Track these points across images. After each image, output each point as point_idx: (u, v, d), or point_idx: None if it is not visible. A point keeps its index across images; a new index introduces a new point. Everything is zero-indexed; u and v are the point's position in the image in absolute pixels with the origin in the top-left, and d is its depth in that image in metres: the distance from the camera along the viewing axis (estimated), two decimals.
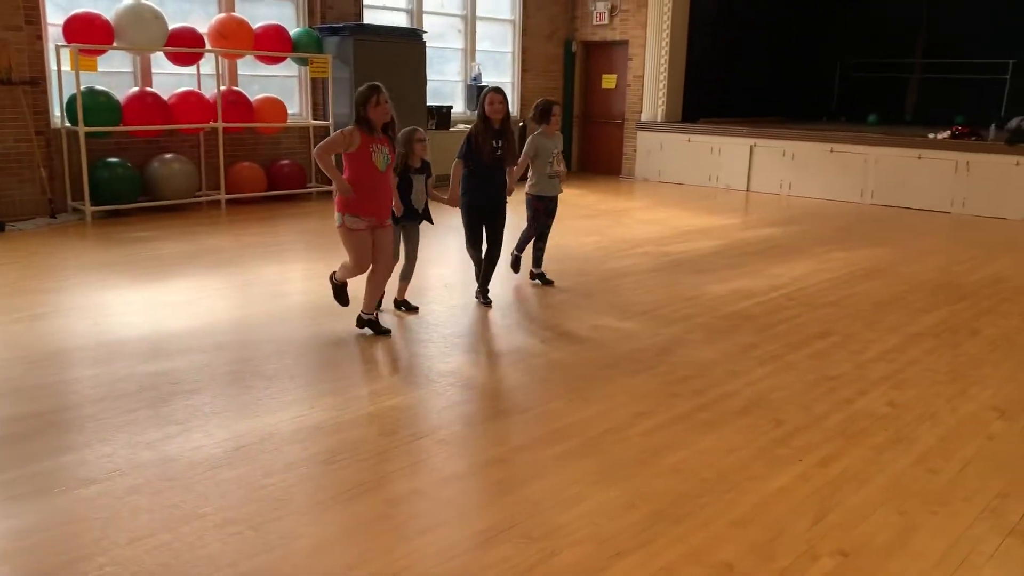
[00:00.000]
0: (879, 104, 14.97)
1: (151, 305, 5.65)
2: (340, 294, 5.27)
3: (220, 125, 9.46)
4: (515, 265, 6.51)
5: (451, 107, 12.31)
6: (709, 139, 12.91)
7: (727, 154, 12.71)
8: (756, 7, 15.39)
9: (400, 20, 12.09)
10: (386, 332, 5.12)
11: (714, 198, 11.98)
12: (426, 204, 5.63)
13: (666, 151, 13.44)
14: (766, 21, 15.56)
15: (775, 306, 5.99)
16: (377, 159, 4.83)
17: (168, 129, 9.33)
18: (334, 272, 5.26)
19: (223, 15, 9.73)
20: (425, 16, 12.26)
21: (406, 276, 5.64)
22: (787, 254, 7.87)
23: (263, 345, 4.87)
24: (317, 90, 10.99)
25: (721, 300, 6.12)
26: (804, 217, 10.26)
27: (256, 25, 9.94)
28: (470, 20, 13.02)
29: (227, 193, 9.75)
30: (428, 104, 11.63)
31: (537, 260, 6.45)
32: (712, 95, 14.43)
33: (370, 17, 11.55)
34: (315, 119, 10.98)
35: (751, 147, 12.46)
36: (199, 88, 9.62)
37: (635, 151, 13.91)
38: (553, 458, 3.48)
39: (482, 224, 5.81)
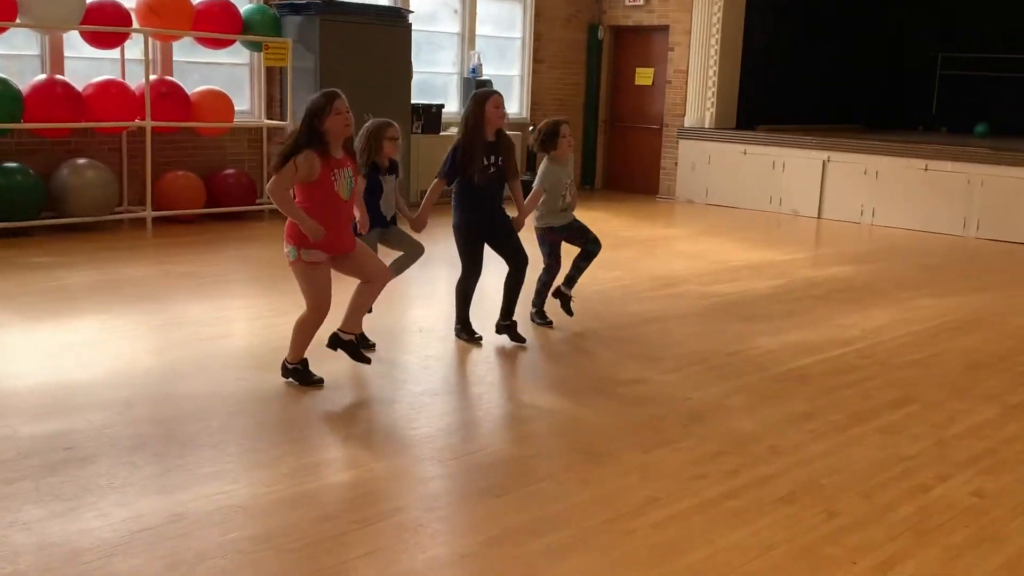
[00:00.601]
0: (990, 111, 15.04)
1: (46, 349, 5.72)
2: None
3: (148, 124, 9.63)
4: (540, 316, 6.67)
5: (442, 106, 12.49)
6: (771, 151, 13.04)
7: (793, 171, 12.81)
8: None
9: None
10: (364, 359, 5.32)
11: (775, 226, 12.04)
12: (395, 214, 5.82)
13: (716, 166, 13.56)
14: (845, 3, 15.75)
15: (841, 365, 6.02)
16: (340, 187, 4.94)
17: (82, 127, 9.50)
18: (285, 360, 5.24)
19: None
20: None
21: (399, 269, 5.97)
22: (862, 299, 7.90)
23: (181, 402, 4.92)
24: (273, 82, 11.19)
25: (772, 356, 6.15)
26: (888, 252, 10.30)
27: (197, 0, 10.16)
28: None
29: (155, 209, 9.89)
30: (413, 102, 11.81)
31: (570, 279, 6.63)
32: (775, 95, 14.59)
33: None
34: (269, 118, 11.17)
35: (824, 162, 12.56)
36: (123, 77, 9.82)
37: (676, 165, 14.04)
38: (537, 554, 3.49)
39: (483, 243, 6.00)
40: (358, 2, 11.50)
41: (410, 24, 11.50)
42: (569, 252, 6.56)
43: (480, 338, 6.18)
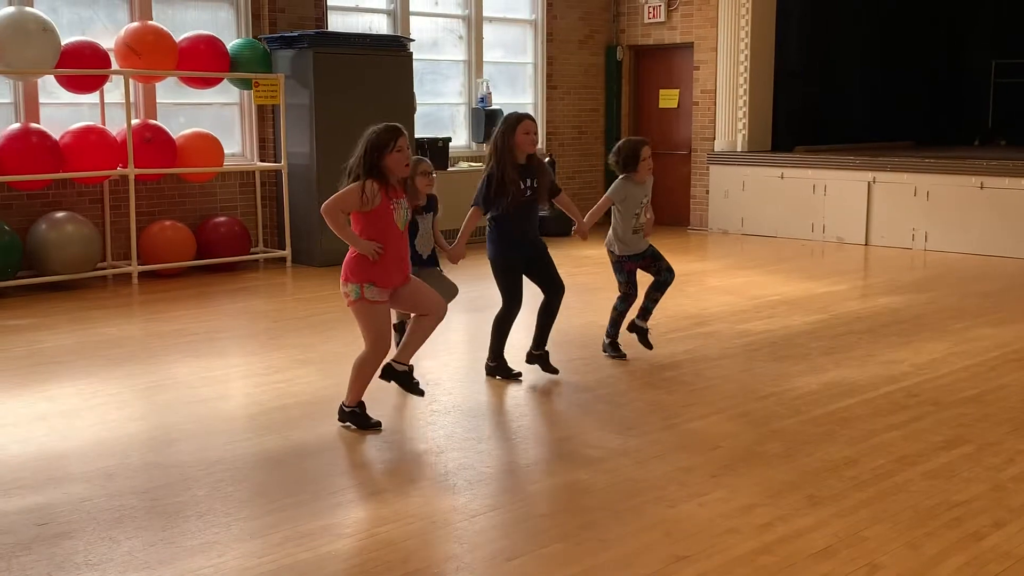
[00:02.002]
0: None
1: (21, 418, 5.81)
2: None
3: (131, 172, 9.81)
4: (613, 348, 7.11)
5: (449, 139, 12.66)
6: (811, 174, 13.09)
7: (836, 195, 12.85)
8: None
9: (379, 25, 12.55)
10: (418, 390, 5.77)
11: (818, 255, 12.06)
12: (433, 250, 6.24)
13: (751, 192, 13.62)
14: (886, 10, 15.85)
15: (888, 405, 6.02)
16: (398, 217, 5.37)
17: (60, 178, 9.68)
18: (343, 403, 5.58)
19: (135, 24, 10.18)
20: (412, 19, 12.72)
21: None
22: (912, 332, 7.89)
23: (166, 471, 4.98)
24: (265, 121, 11.38)
25: (811, 398, 6.16)
26: (941, 280, 10.28)
27: (181, 37, 10.39)
28: (475, 22, 13.47)
29: (140, 264, 10.05)
30: (418, 136, 11.97)
31: (645, 311, 7.08)
32: (813, 114, 14.67)
33: (336, 22, 12.01)
34: (263, 160, 11.34)
35: (869, 184, 12.60)
36: (102, 122, 10.02)
37: (707, 193, 14.11)
38: None
39: (522, 273, 6.39)
40: (354, 32, 11.72)
41: (411, 53, 11.68)
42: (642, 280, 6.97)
43: (519, 374, 6.55)
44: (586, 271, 10.38)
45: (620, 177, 6.84)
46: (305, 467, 5.05)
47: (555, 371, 6.56)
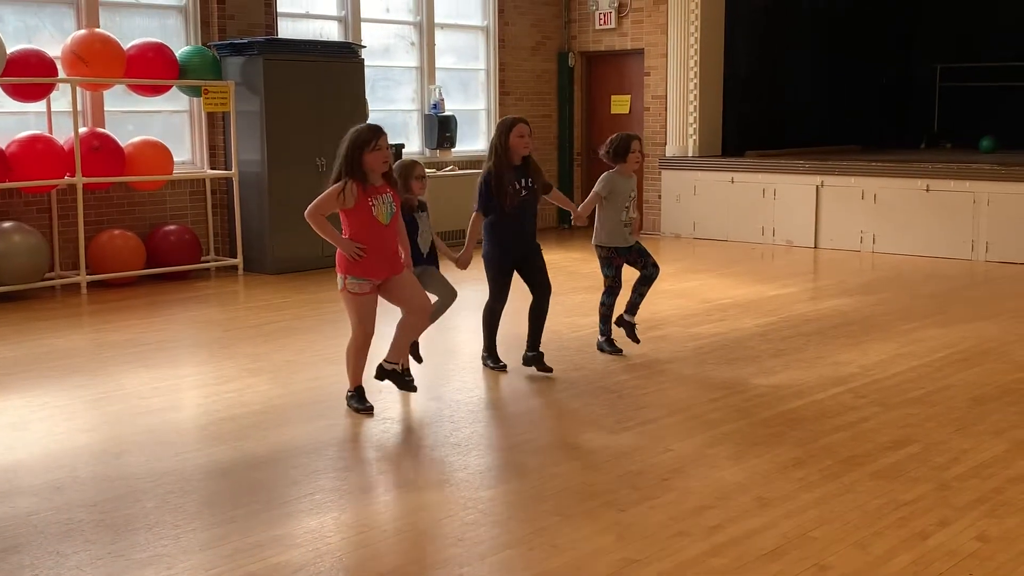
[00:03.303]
0: (996, 124, 15.24)
1: None
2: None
3: (79, 180, 9.70)
4: (609, 344, 7.34)
5: (402, 145, 12.61)
6: (760, 178, 13.21)
7: (785, 198, 12.97)
8: None
9: (329, 32, 12.51)
10: (411, 387, 6.05)
11: (768, 259, 12.16)
12: (432, 247, 6.44)
13: (702, 196, 13.72)
14: (833, 15, 16.04)
15: (835, 406, 6.08)
16: (379, 212, 5.69)
17: (6, 188, 9.56)
18: (348, 391, 6.01)
19: (82, 32, 10.08)
20: (364, 25, 12.70)
21: (433, 316, 6.45)
22: (860, 334, 7.98)
23: (115, 483, 4.93)
24: (215, 129, 11.30)
25: (761, 400, 6.21)
26: (889, 282, 10.41)
27: (129, 44, 10.30)
28: (426, 29, 13.46)
29: (89, 273, 9.94)
30: None
31: (632, 306, 7.31)
32: (762, 118, 14.80)
33: (287, 29, 11.96)
34: (213, 168, 11.26)
35: (817, 188, 12.73)
36: (49, 131, 9.91)
37: (659, 197, 14.20)
38: None
39: (513, 271, 6.70)
40: (305, 39, 11.68)
41: (363, 59, 11.65)
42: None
43: (504, 366, 6.84)
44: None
45: (606, 173, 7.12)
46: (255, 477, 5.02)
47: (550, 370, 6.78)
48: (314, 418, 5.91)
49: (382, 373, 5.96)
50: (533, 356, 6.84)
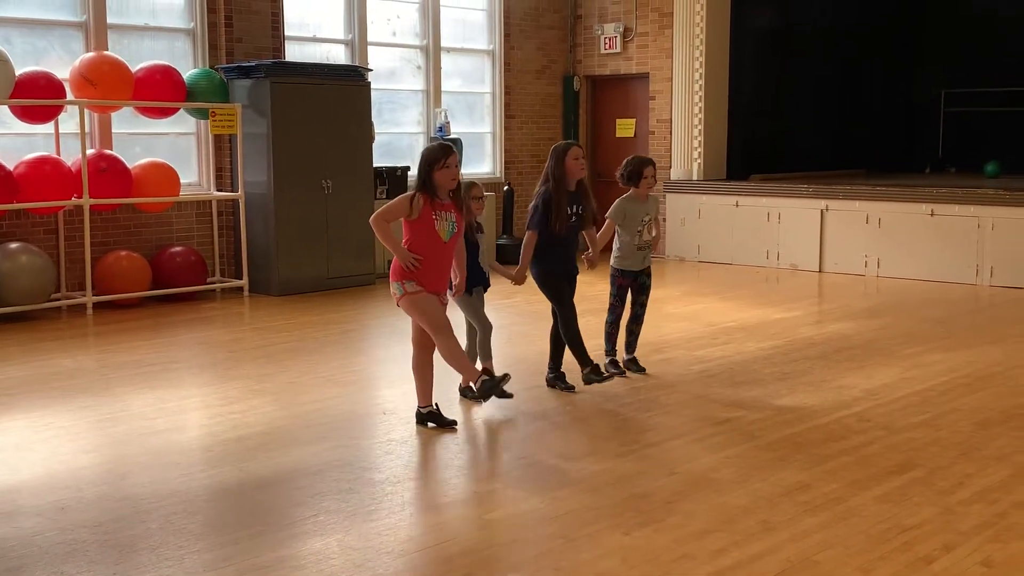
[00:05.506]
0: (1000, 149, 15.26)
1: None
2: (493, 389, 6.05)
3: (86, 202, 9.74)
4: (613, 365, 7.39)
5: (407, 168, 12.64)
6: (765, 202, 13.23)
7: (790, 222, 12.99)
8: (823, 21, 15.94)
9: (336, 55, 12.57)
10: (450, 423, 6.06)
11: (772, 282, 12.17)
12: (487, 268, 6.78)
13: (706, 220, 13.74)
14: (839, 40, 16.11)
15: (840, 430, 6.07)
16: (441, 227, 5.90)
17: (14, 209, 9.59)
18: (470, 384, 6.25)
19: (91, 55, 10.15)
20: (371, 49, 12.77)
21: (486, 351, 6.75)
22: (865, 358, 7.98)
23: (119, 503, 4.93)
24: (222, 151, 11.35)
25: (766, 423, 6.21)
26: (894, 306, 10.41)
27: (137, 67, 10.36)
28: (432, 53, 13.53)
29: (96, 294, 9.96)
30: (376, 165, 11.97)
31: (629, 345, 7.50)
32: (767, 142, 14.84)
33: (294, 52, 12.02)
34: (220, 190, 11.30)
35: (822, 212, 12.74)
36: (57, 153, 9.95)
37: (664, 220, 14.20)
38: None
39: (566, 285, 6.90)
40: (312, 62, 11.73)
41: (369, 83, 11.70)
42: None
43: (611, 377, 7.01)
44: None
45: (619, 199, 7.28)
46: (259, 498, 5.02)
47: (572, 388, 6.89)
48: (318, 439, 5.91)
49: (422, 418, 6.10)
50: (555, 376, 6.98)
